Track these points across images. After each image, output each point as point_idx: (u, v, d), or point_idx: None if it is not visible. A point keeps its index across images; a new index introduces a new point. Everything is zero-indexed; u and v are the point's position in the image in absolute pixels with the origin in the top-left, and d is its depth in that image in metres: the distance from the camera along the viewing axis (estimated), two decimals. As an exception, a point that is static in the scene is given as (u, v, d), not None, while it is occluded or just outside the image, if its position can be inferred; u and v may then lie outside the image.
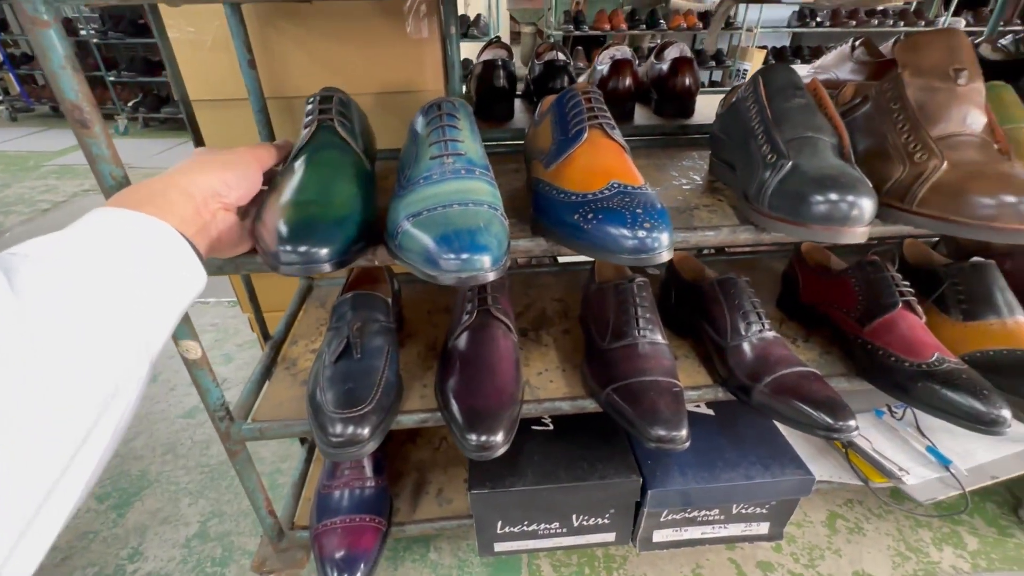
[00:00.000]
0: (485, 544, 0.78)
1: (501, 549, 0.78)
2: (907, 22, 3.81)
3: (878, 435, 0.90)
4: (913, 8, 3.90)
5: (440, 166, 0.49)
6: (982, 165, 0.50)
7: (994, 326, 0.69)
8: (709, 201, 0.65)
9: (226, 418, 0.63)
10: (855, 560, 0.88)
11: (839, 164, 0.51)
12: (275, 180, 0.49)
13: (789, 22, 4.10)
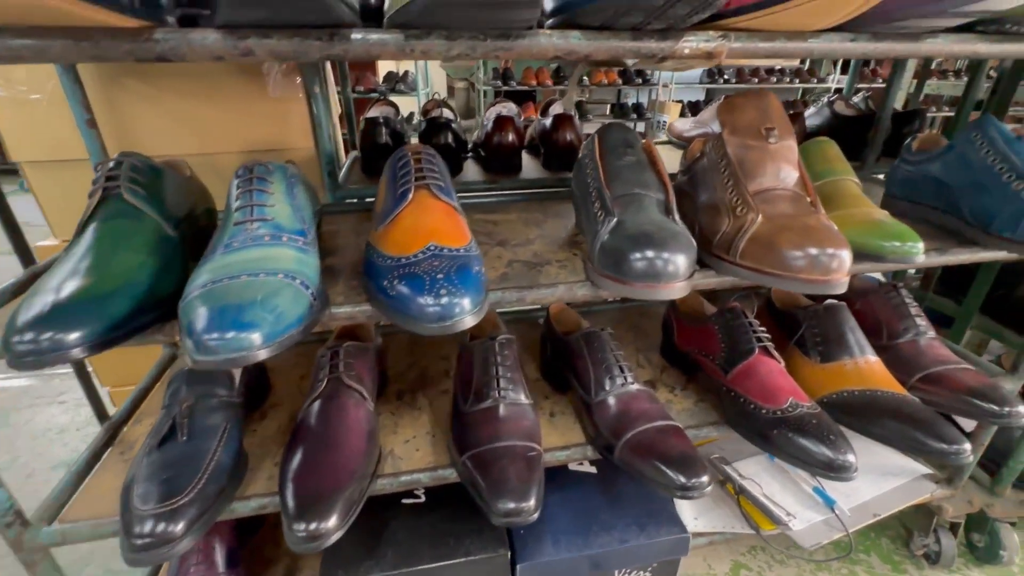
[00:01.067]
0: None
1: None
2: (802, 79, 4.23)
3: (770, 479, 0.90)
4: (807, 67, 4.34)
5: (243, 232, 0.45)
6: (791, 218, 0.53)
7: (847, 366, 0.71)
8: (564, 256, 0.65)
9: (15, 523, 0.54)
10: (755, 612, 0.85)
11: (660, 220, 0.51)
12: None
13: (700, 79, 4.45)
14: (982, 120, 0.68)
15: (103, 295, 0.40)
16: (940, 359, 0.73)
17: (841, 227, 0.59)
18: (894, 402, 0.65)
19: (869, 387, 0.68)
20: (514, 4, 0.35)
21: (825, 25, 0.45)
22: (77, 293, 0.39)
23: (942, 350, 0.75)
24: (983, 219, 0.64)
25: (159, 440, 0.57)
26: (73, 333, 0.37)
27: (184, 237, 0.53)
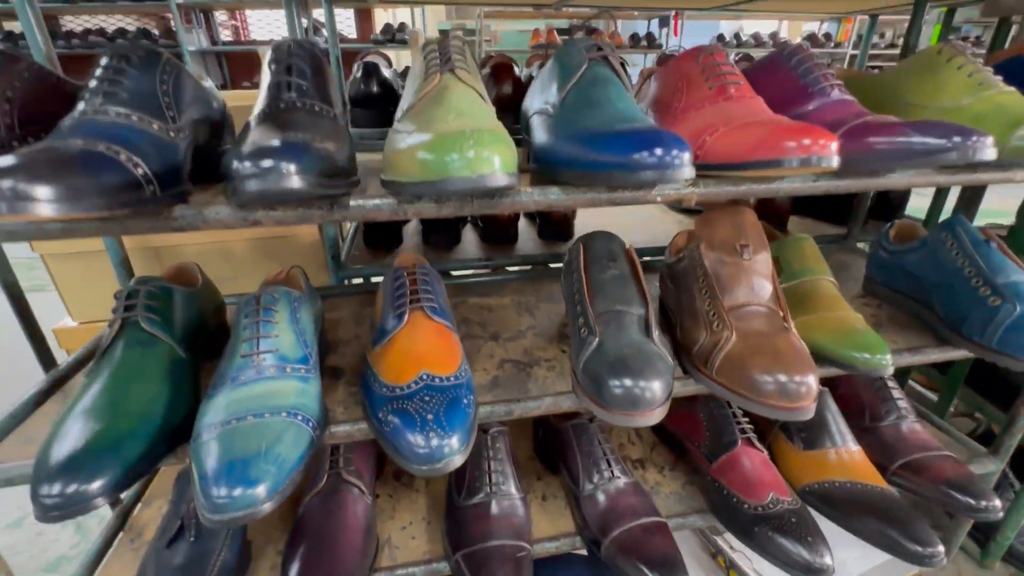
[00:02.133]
0: None
1: None
2: (816, 44, 4.09)
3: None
4: (822, 33, 4.29)
5: (249, 367, 0.49)
6: (764, 338, 0.56)
7: (830, 455, 0.73)
8: (554, 354, 0.68)
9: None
10: None
11: (639, 342, 0.55)
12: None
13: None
14: (952, 221, 0.71)
15: (121, 437, 0.43)
16: (921, 445, 0.75)
17: (815, 333, 0.62)
18: (874, 497, 0.67)
19: (850, 479, 0.70)
20: (497, 192, 0.39)
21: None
22: (96, 440, 0.42)
23: (923, 435, 0.77)
24: (954, 319, 0.67)
25: (168, 540, 0.60)
26: (95, 483, 0.40)
27: (195, 354, 0.57)
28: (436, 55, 0.49)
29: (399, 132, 0.44)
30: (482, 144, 0.36)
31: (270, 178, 0.35)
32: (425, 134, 0.38)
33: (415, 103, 0.46)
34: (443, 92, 0.45)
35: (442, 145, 0.36)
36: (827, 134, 0.41)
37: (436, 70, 0.48)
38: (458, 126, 0.39)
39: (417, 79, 0.49)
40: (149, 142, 0.40)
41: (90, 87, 0.42)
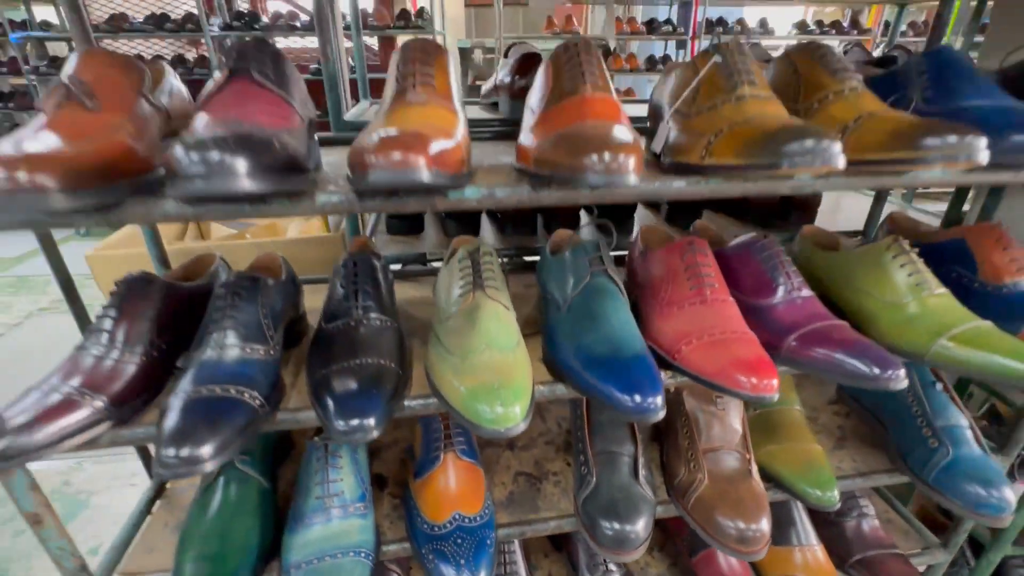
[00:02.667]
0: None
1: None
2: (839, 32, 3.83)
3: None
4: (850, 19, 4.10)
5: (320, 508, 0.64)
6: (730, 484, 0.68)
7: (795, 553, 0.86)
8: (560, 467, 0.82)
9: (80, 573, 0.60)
10: None
11: (627, 485, 0.68)
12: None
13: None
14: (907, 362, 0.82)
15: (234, 569, 0.58)
16: (877, 543, 0.88)
17: (778, 464, 0.75)
18: (828, 597, 0.80)
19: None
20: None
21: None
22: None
23: (880, 533, 0.89)
24: (903, 449, 0.79)
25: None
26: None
27: (274, 484, 0.71)
28: (469, 271, 0.62)
29: (439, 348, 0.56)
30: (508, 403, 0.48)
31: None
32: (462, 375, 0.51)
33: (452, 315, 0.59)
34: (475, 312, 0.58)
35: (476, 397, 0.49)
36: (771, 372, 0.53)
37: (469, 288, 0.60)
38: (488, 366, 0.51)
39: (451, 290, 0.61)
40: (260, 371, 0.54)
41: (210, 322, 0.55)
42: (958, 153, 0.43)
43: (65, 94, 0.43)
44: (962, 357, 0.58)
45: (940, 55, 0.60)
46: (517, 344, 0.56)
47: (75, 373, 0.52)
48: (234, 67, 0.46)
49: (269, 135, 0.38)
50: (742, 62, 0.53)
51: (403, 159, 0.36)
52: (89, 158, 0.39)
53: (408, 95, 0.48)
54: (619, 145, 0.39)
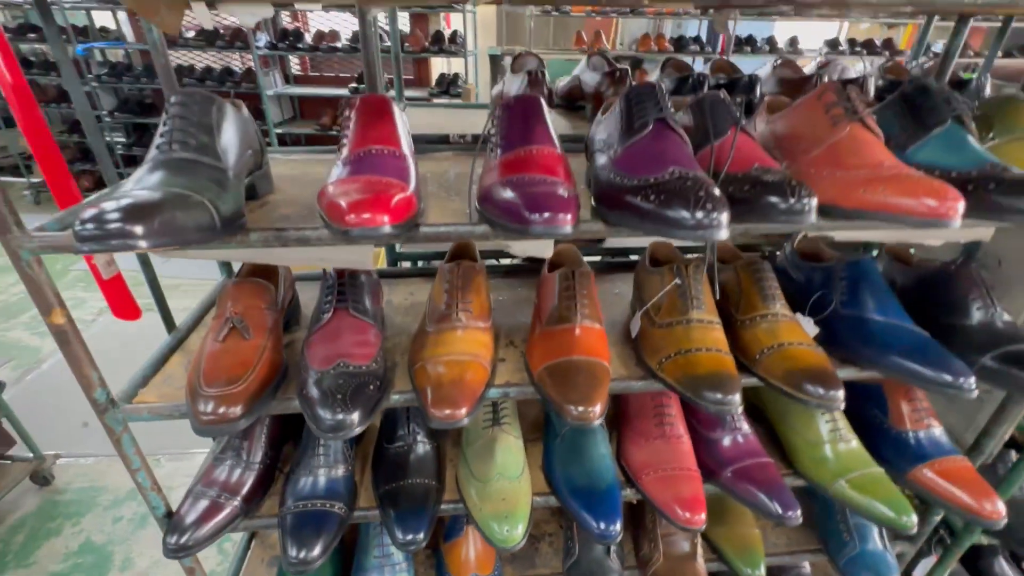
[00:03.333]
0: None
1: None
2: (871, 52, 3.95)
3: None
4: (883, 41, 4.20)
5: (375, 567, 0.88)
6: (678, 564, 0.91)
7: None
8: (554, 528, 1.05)
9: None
10: None
11: (601, 559, 0.91)
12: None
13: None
14: (839, 464, 1.02)
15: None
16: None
17: (723, 542, 0.96)
18: None
19: None
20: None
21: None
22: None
23: None
24: (824, 534, 1.00)
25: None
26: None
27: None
28: (491, 410, 0.83)
29: (465, 468, 0.80)
30: (513, 527, 0.70)
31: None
32: (483, 500, 0.74)
33: (477, 442, 0.81)
34: (493, 444, 0.80)
35: (490, 520, 0.71)
36: (700, 509, 0.75)
37: (490, 424, 0.82)
38: (500, 494, 0.74)
39: (478, 421, 0.84)
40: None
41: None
42: (827, 404, 0.63)
43: (231, 328, 0.66)
44: (851, 497, 0.79)
45: (858, 268, 0.78)
46: (522, 472, 0.79)
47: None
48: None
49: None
50: (695, 287, 0.72)
51: (450, 415, 0.58)
52: (255, 385, 0.62)
53: (452, 320, 0.69)
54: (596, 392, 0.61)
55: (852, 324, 0.75)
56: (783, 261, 0.91)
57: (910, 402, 0.87)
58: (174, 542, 0.69)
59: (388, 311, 0.89)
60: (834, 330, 0.77)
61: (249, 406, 0.60)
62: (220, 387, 0.60)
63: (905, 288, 0.84)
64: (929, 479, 0.80)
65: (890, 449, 0.86)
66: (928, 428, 0.85)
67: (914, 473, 0.82)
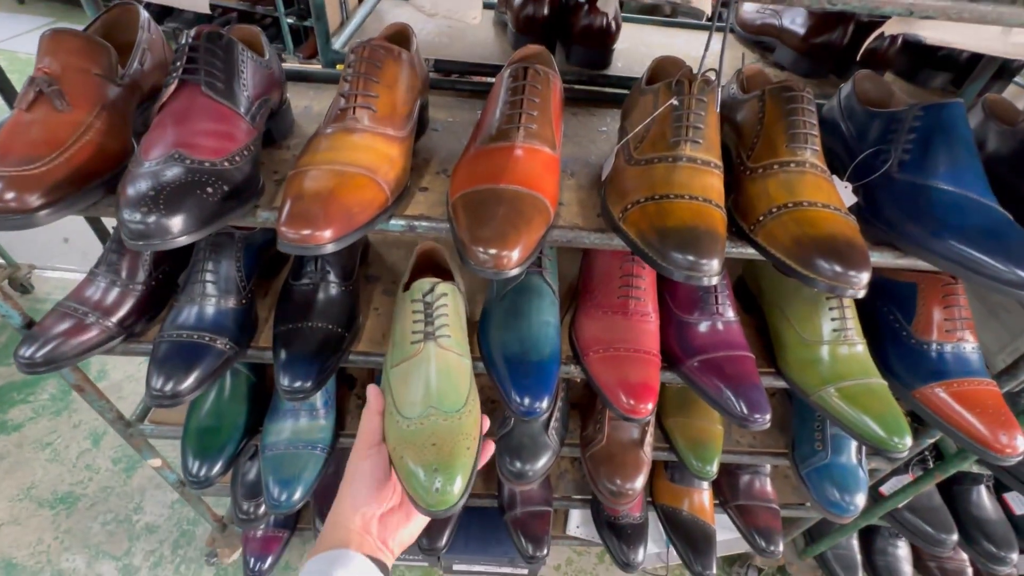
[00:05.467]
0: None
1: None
2: None
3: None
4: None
5: (292, 411, 0.81)
6: (622, 450, 0.82)
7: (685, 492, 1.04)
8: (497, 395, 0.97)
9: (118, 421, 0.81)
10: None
11: (536, 433, 0.82)
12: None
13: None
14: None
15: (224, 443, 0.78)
16: (758, 496, 1.04)
17: (678, 434, 0.87)
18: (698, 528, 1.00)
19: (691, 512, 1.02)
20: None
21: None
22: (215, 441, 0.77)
23: (766, 489, 1.05)
24: (796, 440, 0.89)
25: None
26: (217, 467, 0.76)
27: (262, 376, 0.89)
28: (422, 316, 0.57)
29: (388, 396, 0.54)
30: (446, 485, 0.46)
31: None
32: (405, 445, 0.49)
33: (404, 361, 0.56)
34: (424, 366, 0.55)
35: (416, 474, 0.47)
36: (649, 398, 0.62)
37: (420, 338, 0.56)
38: (431, 436, 0.49)
39: (404, 332, 0.58)
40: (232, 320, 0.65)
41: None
42: (841, 285, 0.45)
43: (36, 93, 0.47)
44: (837, 408, 0.65)
45: (938, 114, 0.55)
46: (465, 403, 0.54)
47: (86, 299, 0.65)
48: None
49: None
50: (696, 113, 0.50)
51: (307, 237, 0.42)
52: (63, 171, 0.46)
53: (347, 120, 0.50)
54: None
55: (906, 192, 0.54)
56: (832, 110, 0.67)
57: (946, 308, 0.69)
58: (26, 355, 0.59)
59: (308, 119, 0.69)
60: (878, 200, 0.56)
61: (51, 196, 0.45)
62: (10, 166, 0.44)
63: (997, 156, 0.61)
64: (940, 399, 0.65)
65: (903, 362, 0.70)
66: (959, 342, 0.67)
67: (923, 391, 0.67)
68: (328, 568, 0.44)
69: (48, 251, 1.99)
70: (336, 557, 0.45)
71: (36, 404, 1.56)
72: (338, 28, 0.87)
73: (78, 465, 1.43)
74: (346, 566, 0.44)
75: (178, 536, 1.32)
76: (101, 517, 1.34)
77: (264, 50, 0.58)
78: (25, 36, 3.53)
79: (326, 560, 0.45)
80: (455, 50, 0.85)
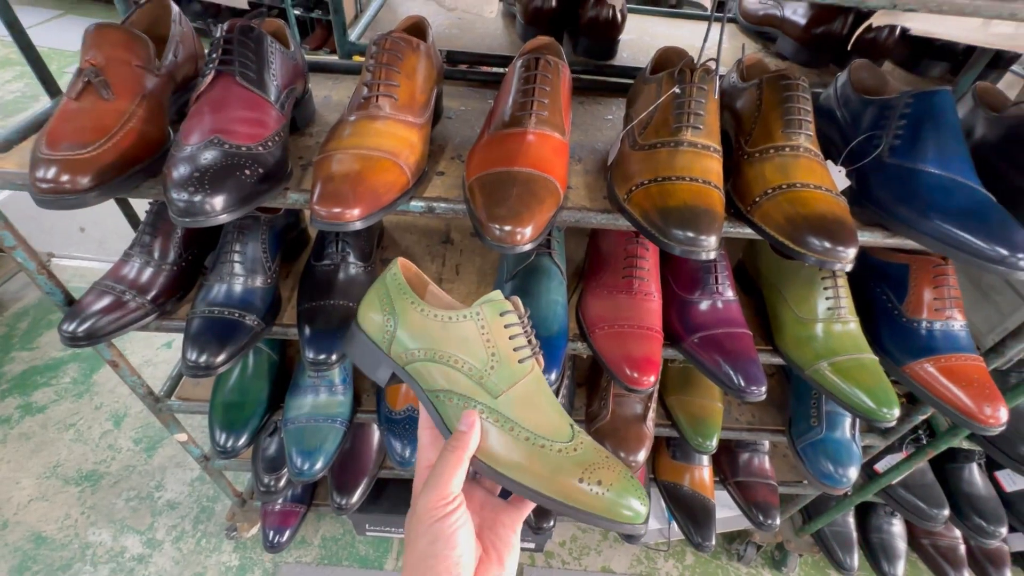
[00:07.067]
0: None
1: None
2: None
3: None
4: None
5: (312, 387, 0.85)
6: (625, 424, 0.86)
7: (687, 468, 1.08)
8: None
9: (148, 396, 0.88)
10: (607, 559, 1.37)
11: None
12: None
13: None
14: (829, 349, 0.91)
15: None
16: (757, 472, 1.08)
17: (680, 411, 0.91)
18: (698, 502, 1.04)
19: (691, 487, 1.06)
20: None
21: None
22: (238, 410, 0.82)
23: (764, 466, 1.09)
24: (792, 416, 0.93)
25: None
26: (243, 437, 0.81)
27: (283, 355, 0.93)
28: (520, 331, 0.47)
29: (503, 423, 0.40)
30: (643, 498, 0.38)
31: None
32: (591, 469, 0.38)
33: (512, 385, 0.41)
34: (540, 380, 0.43)
35: (619, 499, 0.37)
36: (652, 371, 0.65)
37: (528, 355, 0.43)
38: (593, 449, 0.40)
39: (502, 360, 0.42)
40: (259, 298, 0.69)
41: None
42: (829, 260, 0.48)
43: (85, 83, 0.51)
44: (830, 382, 0.69)
45: (928, 101, 0.58)
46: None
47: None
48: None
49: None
50: (697, 100, 0.54)
51: (338, 215, 0.45)
52: (111, 155, 0.50)
53: (371, 108, 0.53)
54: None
55: (896, 176, 0.57)
56: (829, 98, 0.70)
57: (936, 288, 0.72)
58: (69, 329, 0.64)
59: (328, 108, 0.72)
60: (869, 183, 0.59)
61: (100, 178, 0.49)
62: (64, 151, 0.48)
63: (984, 142, 0.64)
64: (928, 374, 0.68)
65: (894, 338, 0.73)
66: (948, 320, 0.71)
67: (912, 366, 0.70)
68: None
69: (65, 240, 2.04)
70: None
71: (58, 387, 1.62)
72: (353, 20, 0.91)
73: (101, 445, 1.49)
74: None
75: (198, 512, 1.38)
76: (124, 494, 1.40)
77: (289, 42, 0.61)
78: (36, 28, 3.58)
79: None
80: (466, 41, 0.88)
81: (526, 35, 0.88)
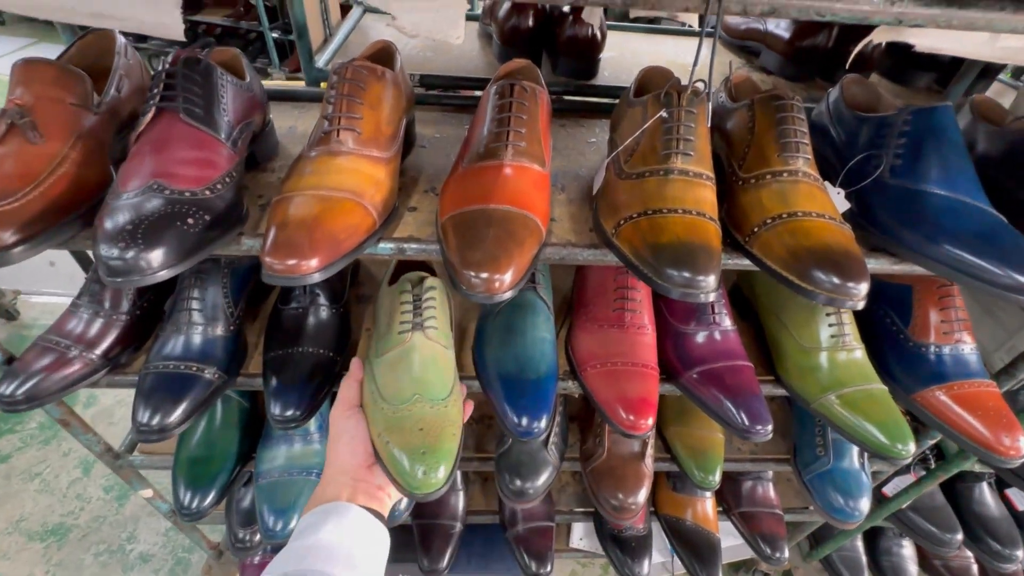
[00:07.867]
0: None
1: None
2: None
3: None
4: None
5: (286, 437, 0.79)
6: (621, 463, 0.81)
7: (688, 501, 1.03)
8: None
9: (107, 453, 0.79)
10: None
11: (535, 450, 0.81)
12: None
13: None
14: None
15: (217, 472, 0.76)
16: (762, 502, 1.03)
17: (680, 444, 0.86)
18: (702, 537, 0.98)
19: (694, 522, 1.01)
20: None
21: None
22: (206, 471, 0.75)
23: (768, 494, 1.04)
24: (797, 445, 0.89)
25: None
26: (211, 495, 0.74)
27: (254, 402, 0.87)
28: (410, 308, 0.60)
29: (372, 386, 0.56)
30: (432, 469, 0.48)
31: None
32: (391, 431, 0.51)
33: (389, 351, 0.58)
34: (411, 355, 0.57)
35: (401, 459, 0.49)
36: (648, 413, 0.61)
37: (408, 328, 0.59)
38: (417, 422, 0.51)
39: (392, 324, 0.60)
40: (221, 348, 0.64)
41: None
42: (840, 297, 0.44)
43: (8, 125, 0.46)
44: (839, 416, 0.64)
45: (928, 118, 0.54)
46: (450, 393, 0.56)
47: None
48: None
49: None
50: (686, 125, 0.50)
51: (292, 267, 0.40)
52: (38, 205, 0.44)
53: (332, 143, 0.49)
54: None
55: (900, 198, 0.54)
56: (821, 115, 0.67)
57: (943, 311, 0.69)
58: (7, 393, 0.58)
59: (292, 139, 0.68)
60: (871, 206, 0.56)
61: (26, 231, 0.43)
62: (-17, 203, 0.42)
63: (987, 157, 0.60)
64: (940, 403, 0.64)
65: (902, 365, 0.69)
66: (956, 344, 0.67)
67: (923, 394, 0.66)
68: (322, 520, 0.45)
69: (34, 276, 1.95)
70: (330, 509, 0.46)
71: (24, 433, 1.53)
72: (321, 45, 0.86)
73: (68, 495, 1.40)
74: (340, 516, 0.45)
75: (173, 565, 1.29)
76: (94, 548, 1.31)
77: (245, 72, 0.57)
78: (5, 59, 3.50)
79: (320, 513, 0.45)
80: (440, 64, 0.84)
81: (503, 56, 0.84)
